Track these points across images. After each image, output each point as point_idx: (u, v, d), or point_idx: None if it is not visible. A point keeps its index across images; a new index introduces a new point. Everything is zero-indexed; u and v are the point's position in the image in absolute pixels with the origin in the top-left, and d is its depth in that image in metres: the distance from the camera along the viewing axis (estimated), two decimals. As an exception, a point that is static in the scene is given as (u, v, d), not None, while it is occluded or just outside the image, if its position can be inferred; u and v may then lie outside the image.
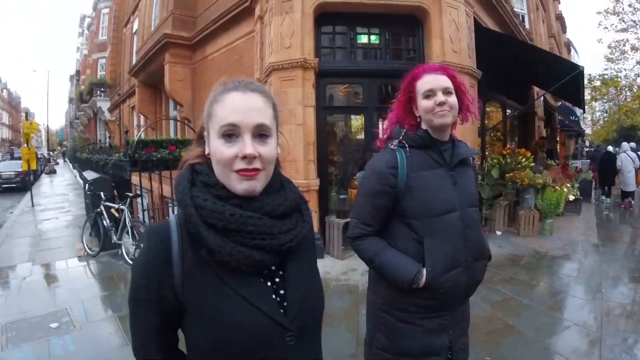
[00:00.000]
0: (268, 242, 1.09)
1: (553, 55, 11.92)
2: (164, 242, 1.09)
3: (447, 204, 1.90)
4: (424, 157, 1.94)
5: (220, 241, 1.05)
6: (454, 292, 1.91)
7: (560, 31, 29.70)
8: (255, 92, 1.14)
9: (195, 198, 1.09)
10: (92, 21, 39.11)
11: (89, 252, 7.45)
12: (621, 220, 11.82)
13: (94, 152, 14.37)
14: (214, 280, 1.07)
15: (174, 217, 1.16)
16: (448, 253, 1.88)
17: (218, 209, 1.06)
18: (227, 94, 1.12)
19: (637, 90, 20.29)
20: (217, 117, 1.11)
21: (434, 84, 1.89)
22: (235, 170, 1.08)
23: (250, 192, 1.10)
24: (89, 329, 4.51)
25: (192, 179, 1.15)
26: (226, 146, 1.08)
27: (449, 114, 1.87)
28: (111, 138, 23.67)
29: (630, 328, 4.58)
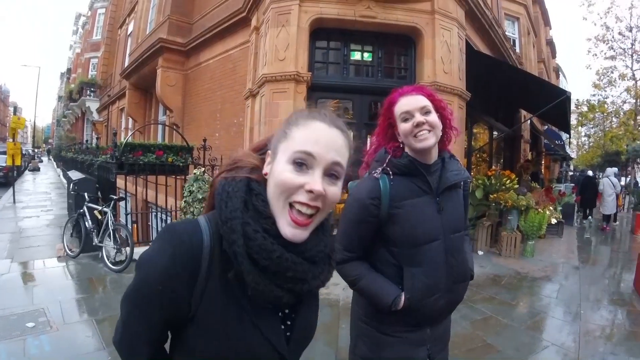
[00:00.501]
0: (300, 287, 1.08)
1: (541, 80, 12.12)
2: (195, 257, 1.01)
3: (429, 234, 1.87)
4: (409, 184, 1.88)
5: (259, 279, 1.00)
6: (432, 314, 1.92)
7: (550, 56, 30.14)
8: (340, 130, 1.08)
9: (246, 225, 1.01)
10: (87, 20, 38.92)
11: (69, 252, 7.30)
12: (602, 243, 11.98)
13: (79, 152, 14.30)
14: (233, 304, 1.04)
15: (205, 222, 1.06)
16: (428, 282, 1.86)
17: (267, 247, 1.00)
18: (312, 122, 1.06)
19: (623, 116, 20.56)
20: (294, 141, 1.03)
21: (409, 105, 1.83)
22: (292, 202, 1.01)
23: (294, 241, 1.03)
24: (66, 331, 4.44)
25: (246, 201, 1.05)
26: (294, 173, 1.01)
27: (430, 135, 1.80)
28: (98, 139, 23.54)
29: (607, 350, 4.64)
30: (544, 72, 22.81)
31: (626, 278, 7.61)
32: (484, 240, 9.22)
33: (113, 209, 7.28)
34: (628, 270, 8.04)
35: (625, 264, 8.85)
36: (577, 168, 38.19)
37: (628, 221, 15.91)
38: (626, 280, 7.50)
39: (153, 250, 1.03)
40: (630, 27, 19.58)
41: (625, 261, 9.19)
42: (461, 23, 8.63)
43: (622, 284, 7.40)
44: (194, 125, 11.89)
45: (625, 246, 11.49)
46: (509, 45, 13.95)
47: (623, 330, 5.24)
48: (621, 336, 5.06)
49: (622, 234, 14.06)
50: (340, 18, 7.69)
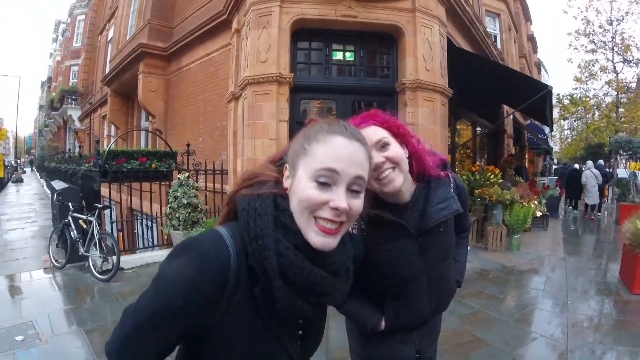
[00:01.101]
0: (324, 300, 1.11)
1: (523, 75, 12.23)
2: (222, 272, 0.99)
3: (411, 273, 1.75)
4: (383, 230, 1.67)
5: (289, 294, 1.01)
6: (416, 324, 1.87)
7: (532, 51, 30.42)
8: (360, 143, 1.08)
9: (278, 243, 1.01)
10: (67, 27, 38.58)
11: (55, 263, 7.24)
12: (587, 234, 12.14)
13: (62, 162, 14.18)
14: (256, 318, 1.05)
15: (230, 238, 1.04)
16: (410, 312, 1.80)
17: (299, 264, 1.01)
18: (332, 136, 1.05)
19: (605, 109, 20.76)
20: (315, 158, 1.03)
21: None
22: (317, 217, 1.02)
23: (324, 249, 1.04)
24: (55, 343, 4.41)
25: (276, 217, 1.05)
26: (318, 190, 1.01)
27: (395, 173, 1.56)
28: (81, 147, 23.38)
29: (596, 339, 4.71)
30: (525, 67, 23.02)
31: (612, 268, 7.69)
32: (470, 236, 9.25)
33: (98, 218, 7.19)
34: (614, 260, 8.12)
35: (610, 255, 8.93)
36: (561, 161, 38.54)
37: (612, 212, 16.07)
38: (612, 270, 7.57)
39: (178, 266, 0.99)
40: (610, 21, 19.77)
41: (610, 251, 9.28)
42: (442, 20, 8.64)
43: (608, 274, 7.49)
44: (177, 131, 11.82)
45: (611, 237, 11.62)
46: (490, 42, 14.02)
47: (610, 320, 5.31)
48: (609, 326, 5.12)
49: (607, 224, 14.22)
50: (322, 18, 7.66)
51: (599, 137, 20.43)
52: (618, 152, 15.88)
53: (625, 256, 6.88)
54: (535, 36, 31.74)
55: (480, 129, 13.88)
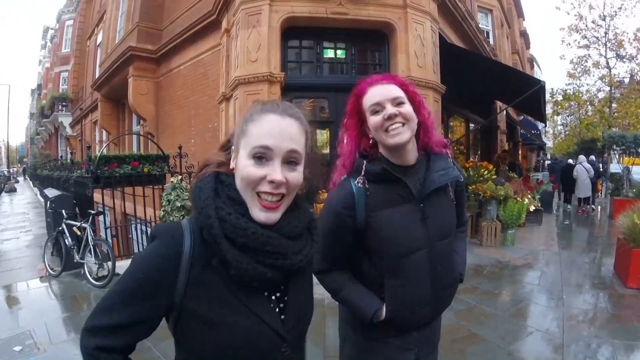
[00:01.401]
0: (281, 262, 1.12)
1: (516, 70, 12.24)
2: (177, 246, 1.08)
3: (412, 245, 1.70)
4: (388, 191, 1.69)
5: (239, 256, 1.05)
6: (419, 320, 1.79)
7: (524, 47, 30.57)
8: (293, 118, 1.14)
9: (219, 210, 1.09)
10: (55, 33, 38.29)
11: (50, 272, 7.16)
12: (581, 228, 12.15)
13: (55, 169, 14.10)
14: (222, 290, 1.09)
15: (187, 222, 1.15)
16: (411, 294, 1.73)
17: (241, 225, 1.07)
18: (264, 115, 1.12)
19: (598, 104, 20.81)
20: (250, 137, 1.11)
21: (380, 96, 1.62)
22: (259, 192, 1.09)
23: (268, 223, 1.10)
24: (54, 351, 4.37)
25: (217, 189, 1.14)
26: (255, 167, 1.08)
27: (404, 128, 1.59)
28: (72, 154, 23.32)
29: (591, 333, 4.70)
30: (518, 63, 23.09)
31: (606, 262, 7.69)
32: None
33: (92, 224, 7.12)
34: (608, 254, 8.13)
35: (604, 249, 8.96)
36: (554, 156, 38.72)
37: (606, 206, 16.14)
38: (606, 264, 7.58)
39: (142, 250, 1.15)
40: (603, 16, 19.81)
41: (604, 246, 9.31)
42: (434, 17, 8.65)
43: (603, 268, 7.49)
44: (169, 133, 11.77)
45: (604, 231, 11.63)
46: (483, 38, 14.07)
47: (605, 314, 5.31)
48: (604, 319, 5.12)
49: (601, 219, 14.27)
50: (312, 16, 7.64)
51: (592, 132, 20.49)
52: (611, 147, 15.91)
53: (619, 250, 6.89)
54: (527, 32, 31.90)
55: (473, 125, 13.93)
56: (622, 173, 15.25)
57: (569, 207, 16.40)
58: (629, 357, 4.18)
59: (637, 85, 19.85)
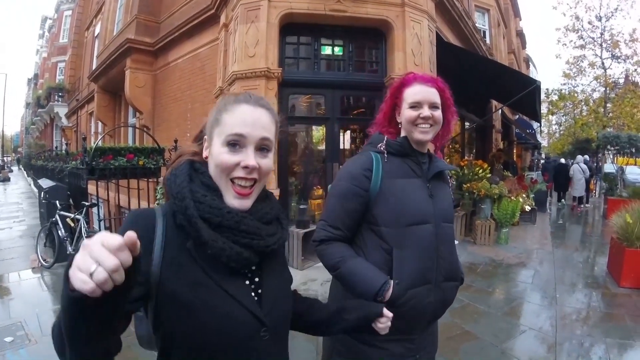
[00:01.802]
0: (257, 242, 1.17)
1: (512, 70, 12.24)
2: (148, 228, 1.11)
3: (420, 215, 1.79)
4: (402, 165, 1.86)
5: (215, 236, 1.10)
6: (421, 311, 1.76)
7: (520, 47, 30.56)
8: (264, 108, 1.22)
9: (194, 192, 1.14)
10: (53, 23, 37.98)
11: (43, 263, 7.15)
12: (575, 228, 12.22)
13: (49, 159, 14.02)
14: (198, 273, 1.10)
15: (159, 207, 1.19)
16: (418, 267, 1.74)
17: (217, 205, 1.13)
18: (238, 105, 1.19)
19: (593, 104, 20.86)
20: (225, 126, 1.17)
21: (422, 96, 1.83)
22: (233, 178, 1.16)
23: (241, 209, 1.17)
24: (45, 343, 4.33)
25: (191, 175, 1.19)
26: (230, 154, 1.15)
27: (430, 130, 1.83)
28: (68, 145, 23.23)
29: (584, 332, 4.76)
30: (514, 62, 23.08)
31: (600, 261, 7.77)
32: (458, 230, 9.33)
33: (85, 216, 7.09)
34: (601, 254, 8.21)
35: (598, 248, 9.03)
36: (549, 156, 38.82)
37: (600, 206, 16.23)
38: (600, 263, 7.66)
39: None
40: (600, 17, 19.84)
41: (598, 245, 9.38)
42: (431, 15, 8.65)
43: (596, 267, 7.57)
44: (165, 127, 11.72)
45: (598, 230, 11.73)
46: (480, 37, 14.06)
47: (598, 313, 5.37)
48: (597, 318, 5.18)
49: (595, 218, 14.36)
50: (310, 12, 7.62)
51: (587, 132, 20.55)
52: (606, 147, 16.01)
53: (612, 249, 6.97)
54: (524, 32, 31.89)
55: (468, 124, 13.93)
56: (616, 173, 15.37)
57: (561, 202, 17.30)
58: (622, 356, 4.24)
59: (632, 86, 19.90)
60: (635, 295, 5.89)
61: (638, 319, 5.08)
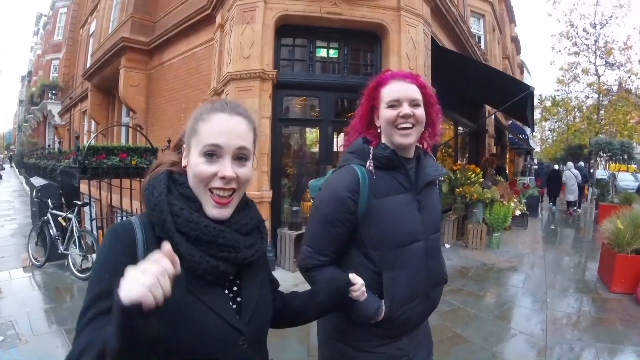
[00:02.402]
0: (234, 255, 1.17)
1: (505, 75, 12.31)
2: (130, 241, 1.11)
3: (410, 235, 1.72)
4: (391, 180, 1.73)
5: (191, 249, 1.10)
6: (410, 320, 1.77)
7: (515, 53, 30.73)
8: (241, 116, 1.21)
9: (171, 205, 1.13)
10: (48, 20, 37.84)
11: (34, 262, 7.13)
12: (566, 233, 12.26)
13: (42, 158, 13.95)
14: (176, 284, 1.05)
15: (137, 219, 1.17)
16: (408, 286, 1.72)
17: (194, 219, 1.12)
18: (214, 114, 1.18)
19: (586, 111, 20.93)
20: (201, 135, 1.16)
21: (401, 93, 1.68)
22: (211, 188, 1.15)
23: (220, 219, 1.17)
24: (35, 343, 4.36)
25: (169, 187, 1.19)
26: (207, 164, 1.14)
27: (413, 131, 1.69)
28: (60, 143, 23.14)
29: (575, 336, 4.78)
30: (508, 68, 23.20)
31: (590, 267, 7.81)
32: (450, 233, 9.37)
33: (77, 215, 7.10)
34: (592, 259, 8.26)
35: (589, 253, 9.07)
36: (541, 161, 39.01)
37: (592, 212, 16.35)
38: (590, 268, 7.70)
39: (100, 246, 1.14)
40: (594, 24, 19.92)
41: (589, 250, 9.43)
42: (427, 20, 8.68)
43: (587, 272, 7.61)
44: (158, 126, 11.69)
45: (589, 236, 11.78)
46: (474, 42, 14.12)
47: (589, 317, 5.40)
48: (587, 323, 5.21)
49: (586, 224, 14.45)
50: (306, 15, 7.62)
51: (580, 138, 20.61)
52: (598, 153, 16.11)
53: (603, 255, 7.01)
54: (518, 38, 32.07)
55: (462, 129, 14.00)
56: (608, 179, 15.46)
57: (554, 208, 17.49)
58: (612, 360, 4.26)
59: (624, 93, 20.01)
60: (625, 300, 5.93)
61: (628, 324, 5.11)
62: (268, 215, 7.35)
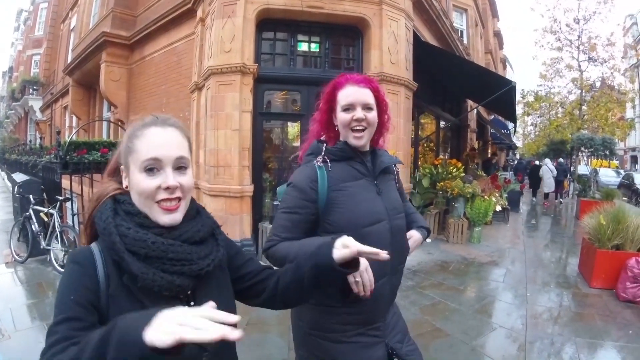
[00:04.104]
0: (188, 268, 1.16)
1: (487, 70, 12.38)
2: (91, 266, 1.12)
3: (374, 215, 1.82)
4: (347, 168, 1.86)
5: (144, 267, 1.10)
6: (380, 301, 1.84)
7: (497, 47, 30.89)
8: (174, 127, 1.22)
9: (118, 227, 1.13)
10: (29, 15, 37.41)
11: (16, 258, 7.11)
12: (547, 228, 12.31)
13: (23, 153, 13.80)
14: (136, 305, 1.11)
15: (95, 245, 1.18)
16: (376, 265, 1.65)
17: (141, 237, 1.12)
18: (147, 129, 1.19)
19: (569, 106, 21.03)
20: (138, 153, 1.16)
21: (354, 98, 1.82)
22: (157, 201, 1.16)
23: (172, 224, 1.17)
24: (18, 338, 4.36)
25: (115, 208, 1.19)
26: (148, 179, 1.15)
27: (364, 133, 1.83)
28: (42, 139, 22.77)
29: (555, 331, 4.81)
30: (491, 63, 23.31)
31: (571, 262, 7.86)
32: (431, 228, 9.37)
33: (59, 211, 7.10)
34: (573, 254, 8.30)
35: (570, 249, 9.13)
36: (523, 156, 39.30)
37: (573, 207, 16.49)
38: (571, 264, 7.74)
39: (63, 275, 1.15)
40: (577, 19, 20.00)
41: (570, 245, 9.48)
42: (409, 14, 8.68)
43: (568, 267, 7.65)
44: (140, 121, 11.60)
45: (570, 231, 11.86)
46: (457, 37, 14.18)
47: (569, 312, 5.43)
48: (567, 318, 5.24)
49: (567, 219, 14.56)
50: (287, 9, 7.59)
51: (562, 133, 20.72)
52: (580, 149, 16.25)
53: (584, 250, 7.07)
54: (501, 32, 32.23)
55: (444, 123, 14.04)
56: (590, 175, 15.58)
57: (534, 200, 19.07)
58: (592, 355, 4.29)
59: (607, 89, 20.19)
60: (605, 295, 5.95)
61: (608, 319, 5.14)
62: (249, 209, 7.33)
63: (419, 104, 10.00)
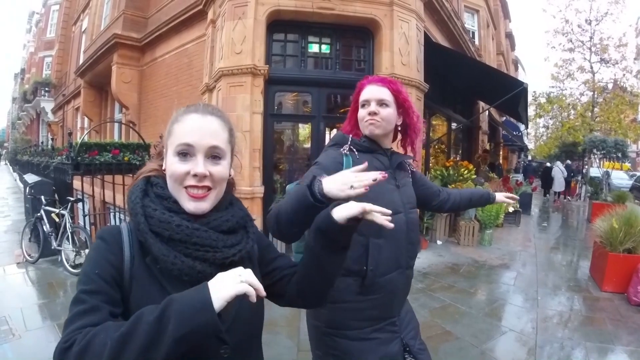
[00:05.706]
0: (212, 255, 1.14)
1: (499, 71, 12.30)
2: (117, 244, 1.14)
3: (392, 205, 1.73)
4: (372, 159, 1.92)
5: (165, 250, 1.10)
6: (396, 294, 1.94)
7: (509, 48, 30.76)
8: (213, 116, 1.22)
9: (145, 207, 1.16)
10: (41, 18, 37.61)
11: (28, 258, 7.11)
12: (558, 231, 12.20)
13: (35, 154, 13.90)
14: (156, 286, 1.12)
15: (126, 224, 1.21)
16: (392, 255, 1.90)
17: (166, 219, 1.13)
18: (187, 115, 1.20)
19: (581, 108, 20.88)
20: (175, 136, 1.19)
21: (370, 94, 1.95)
22: (185, 186, 1.17)
23: (197, 212, 1.17)
24: (28, 338, 4.36)
25: (146, 190, 1.22)
26: (179, 163, 1.16)
27: (377, 124, 1.93)
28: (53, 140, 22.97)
29: (565, 335, 4.75)
30: (502, 64, 23.20)
31: (582, 265, 7.79)
32: (442, 230, 9.35)
33: (70, 211, 7.10)
34: (584, 257, 8.23)
35: (581, 252, 9.04)
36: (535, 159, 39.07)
37: (585, 210, 16.33)
38: (582, 267, 7.67)
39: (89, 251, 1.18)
40: (589, 21, 19.85)
41: (581, 249, 9.40)
42: (420, 15, 8.65)
43: (579, 271, 7.57)
44: (151, 122, 11.67)
45: (582, 234, 11.75)
46: (468, 38, 14.12)
47: (580, 316, 5.36)
48: (578, 322, 5.17)
49: (579, 222, 14.42)
50: (298, 10, 7.59)
51: (574, 135, 20.57)
52: (592, 151, 16.10)
53: (595, 254, 6.99)
54: (513, 34, 32.09)
55: (455, 125, 13.98)
56: (602, 177, 15.45)
57: (548, 196, 20.88)
58: (602, 360, 4.24)
59: (619, 91, 20.00)
60: (616, 299, 5.89)
61: (619, 324, 5.08)
62: (260, 210, 7.32)
63: (430, 105, 9.96)
